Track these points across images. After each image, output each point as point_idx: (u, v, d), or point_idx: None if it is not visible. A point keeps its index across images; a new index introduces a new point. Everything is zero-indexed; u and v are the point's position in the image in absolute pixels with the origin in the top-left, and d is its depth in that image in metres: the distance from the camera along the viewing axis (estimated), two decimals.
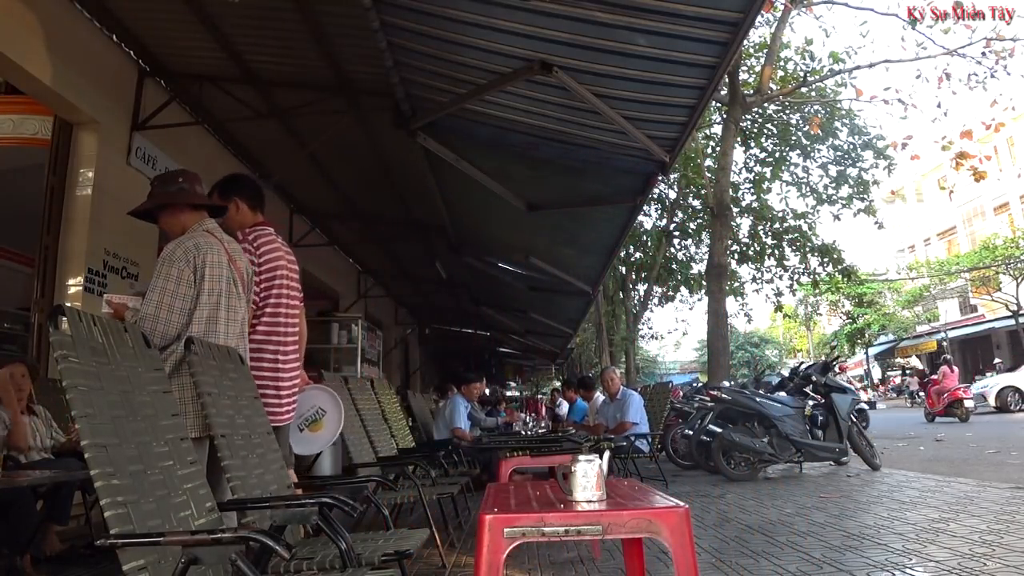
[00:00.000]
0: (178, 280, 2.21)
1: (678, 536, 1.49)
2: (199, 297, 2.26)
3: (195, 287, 2.25)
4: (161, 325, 2.16)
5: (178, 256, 2.24)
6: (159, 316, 2.16)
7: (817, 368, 6.67)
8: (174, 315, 2.19)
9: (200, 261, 2.26)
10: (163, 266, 2.23)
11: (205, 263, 2.27)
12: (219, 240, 2.40)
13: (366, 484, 3.10)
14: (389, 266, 10.95)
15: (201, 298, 2.26)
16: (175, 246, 2.28)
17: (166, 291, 2.19)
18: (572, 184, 5.47)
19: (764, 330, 49.53)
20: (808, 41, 25.33)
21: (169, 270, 2.22)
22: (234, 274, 2.40)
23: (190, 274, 2.24)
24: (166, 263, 2.23)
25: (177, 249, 2.26)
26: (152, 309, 2.17)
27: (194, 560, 1.26)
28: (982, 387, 15.94)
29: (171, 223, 2.42)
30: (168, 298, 2.19)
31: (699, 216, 14.75)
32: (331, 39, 4.48)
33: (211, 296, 2.28)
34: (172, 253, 2.25)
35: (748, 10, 3.00)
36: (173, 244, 2.29)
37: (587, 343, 22.68)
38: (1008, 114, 15.81)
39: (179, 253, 2.25)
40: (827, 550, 3.02)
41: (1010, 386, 15.27)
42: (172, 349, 2.17)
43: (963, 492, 4.41)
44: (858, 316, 33.17)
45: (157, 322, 2.15)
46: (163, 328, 2.16)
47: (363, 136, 5.91)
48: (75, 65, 4.36)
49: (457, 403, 6.84)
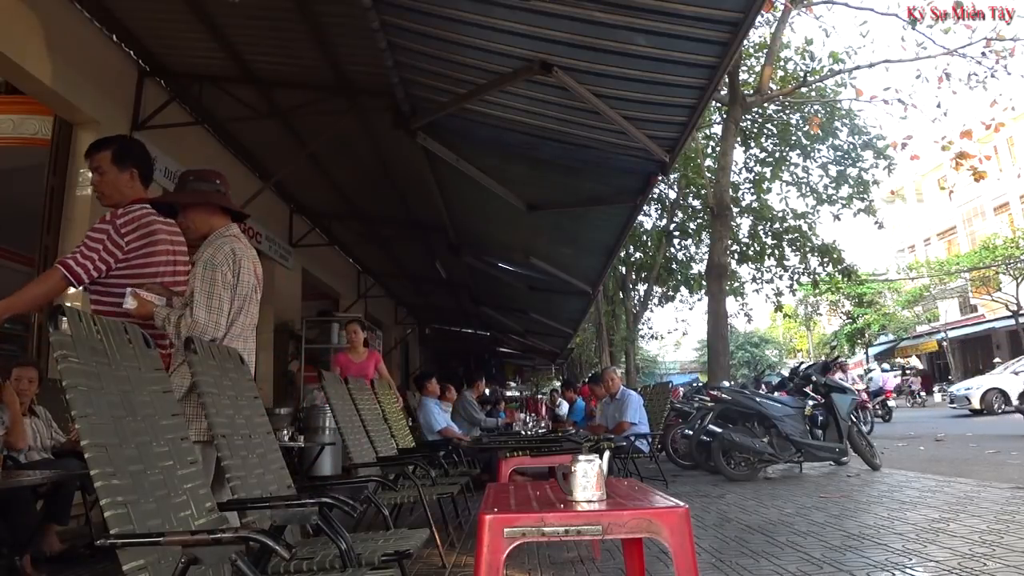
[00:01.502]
0: (224, 285, 2.27)
1: (678, 536, 1.49)
2: (234, 301, 2.32)
3: (233, 292, 2.31)
4: (211, 329, 2.22)
5: (220, 261, 2.29)
6: (210, 321, 2.22)
7: (817, 368, 6.67)
8: (223, 318, 2.26)
9: (238, 267, 2.33)
10: (207, 270, 2.27)
11: (241, 269, 2.34)
12: (245, 245, 2.44)
13: (366, 484, 3.09)
14: (389, 266, 10.96)
15: (235, 303, 2.32)
16: (214, 251, 2.31)
17: (214, 295, 2.25)
18: (572, 184, 5.47)
19: (764, 330, 49.52)
20: (808, 41, 25.36)
21: (215, 275, 2.26)
22: (255, 279, 2.45)
23: (232, 278, 2.30)
24: (210, 267, 2.27)
25: (218, 254, 2.30)
26: (204, 314, 2.21)
27: (194, 560, 1.26)
28: (965, 389, 15.46)
29: (201, 222, 2.43)
30: (217, 302, 2.25)
31: (699, 216, 14.74)
32: (331, 39, 4.48)
33: (240, 301, 2.35)
34: (214, 258, 2.29)
35: (748, 10, 3.00)
36: (212, 249, 2.32)
37: (587, 343, 22.68)
38: (1008, 114, 15.78)
39: (220, 258, 2.30)
40: (827, 550, 3.02)
41: (994, 388, 14.73)
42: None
43: (963, 492, 4.41)
44: (858, 316, 33.17)
45: (208, 327, 2.20)
46: (213, 332, 2.22)
47: (363, 136, 5.92)
48: (75, 65, 4.37)
49: (426, 406, 6.74)
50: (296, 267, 8.43)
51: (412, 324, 15.60)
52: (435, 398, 6.92)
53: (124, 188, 2.53)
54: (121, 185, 2.53)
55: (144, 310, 2.27)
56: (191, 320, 2.19)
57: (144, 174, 2.59)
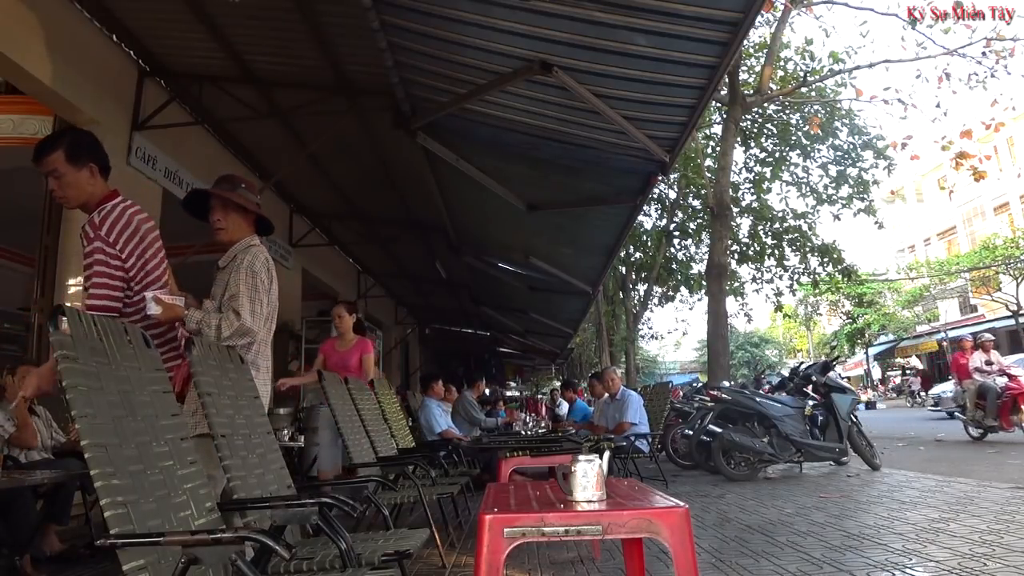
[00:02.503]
0: (264, 290, 2.37)
1: (678, 536, 1.49)
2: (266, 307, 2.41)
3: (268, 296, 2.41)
4: (252, 332, 2.30)
5: (259, 267, 2.37)
6: (255, 323, 2.31)
7: (817, 368, 6.67)
8: (260, 321, 2.34)
9: (271, 275, 2.44)
10: (248, 276, 2.33)
11: (273, 276, 2.45)
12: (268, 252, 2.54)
13: (366, 484, 3.09)
14: (389, 266, 10.96)
15: (267, 308, 2.42)
16: (253, 258, 2.38)
17: (256, 300, 2.33)
18: (572, 184, 5.47)
19: (764, 330, 49.52)
20: (808, 41, 25.30)
21: (255, 281, 2.34)
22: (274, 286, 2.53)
23: (268, 283, 2.40)
24: (249, 273, 2.34)
25: (256, 261, 2.38)
26: (250, 317, 2.29)
27: (194, 560, 1.26)
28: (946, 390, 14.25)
29: (237, 228, 2.49)
30: (259, 307, 2.34)
31: (699, 216, 14.74)
32: (331, 39, 4.48)
33: (270, 307, 2.45)
34: (253, 264, 2.36)
35: (748, 10, 3.00)
36: (251, 256, 2.38)
37: (587, 343, 22.68)
38: (1008, 114, 15.79)
39: (258, 265, 2.38)
40: (827, 550, 3.02)
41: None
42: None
43: (963, 492, 4.41)
44: (858, 316, 33.17)
45: (252, 328, 2.30)
46: (257, 329, 2.32)
47: (363, 136, 5.92)
48: (75, 65, 4.37)
49: (428, 406, 6.72)
50: (296, 267, 8.43)
51: (412, 324, 15.60)
52: (438, 399, 6.92)
53: (86, 186, 2.31)
54: (82, 184, 2.31)
55: (172, 313, 2.22)
56: (238, 322, 2.26)
57: (102, 166, 2.37)
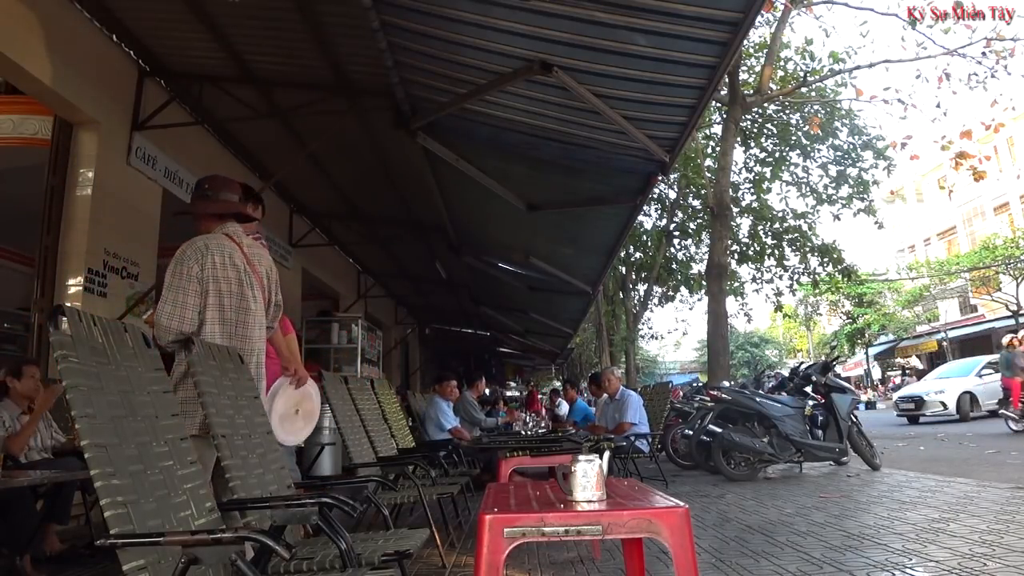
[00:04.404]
0: (188, 278, 2.28)
1: (678, 536, 1.49)
2: (208, 296, 2.31)
3: (203, 285, 2.31)
4: (176, 322, 2.23)
5: (188, 255, 2.31)
6: (175, 314, 2.23)
7: (817, 368, 6.67)
8: (187, 312, 2.26)
9: (209, 261, 2.32)
10: (174, 266, 2.30)
11: (214, 264, 2.33)
12: (236, 243, 2.44)
13: (366, 484, 3.09)
14: (389, 266, 10.95)
15: (209, 299, 2.31)
16: (186, 246, 2.33)
17: (179, 289, 2.26)
18: (572, 184, 5.47)
19: (764, 330, 49.54)
20: (808, 41, 25.31)
21: (180, 269, 2.29)
22: (251, 277, 2.44)
23: (199, 271, 2.30)
24: (176, 263, 2.30)
25: (188, 249, 2.32)
26: (168, 307, 2.23)
27: (194, 560, 1.26)
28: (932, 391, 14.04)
29: (199, 227, 2.50)
30: (181, 296, 2.26)
31: (699, 216, 14.75)
32: (331, 39, 4.47)
33: (222, 297, 2.33)
34: (183, 253, 2.32)
35: (748, 10, 3.00)
36: (184, 244, 2.34)
37: (587, 343, 22.69)
38: (1008, 114, 15.79)
39: (189, 252, 2.32)
40: (827, 550, 3.02)
41: (966, 391, 13.57)
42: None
43: (963, 492, 4.41)
44: (858, 316, 33.17)
45: (172, 319, 2.22)
46: (177, 325, 2.23)
47: (363, 136, 5.91)
48: (75, 65, 4.36)
49: (439, 405, 6.73)
50: (296, 267, 8.43)
51: (412, 324, 15.60)
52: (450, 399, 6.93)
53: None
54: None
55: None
56: (157, 314, 2.24)
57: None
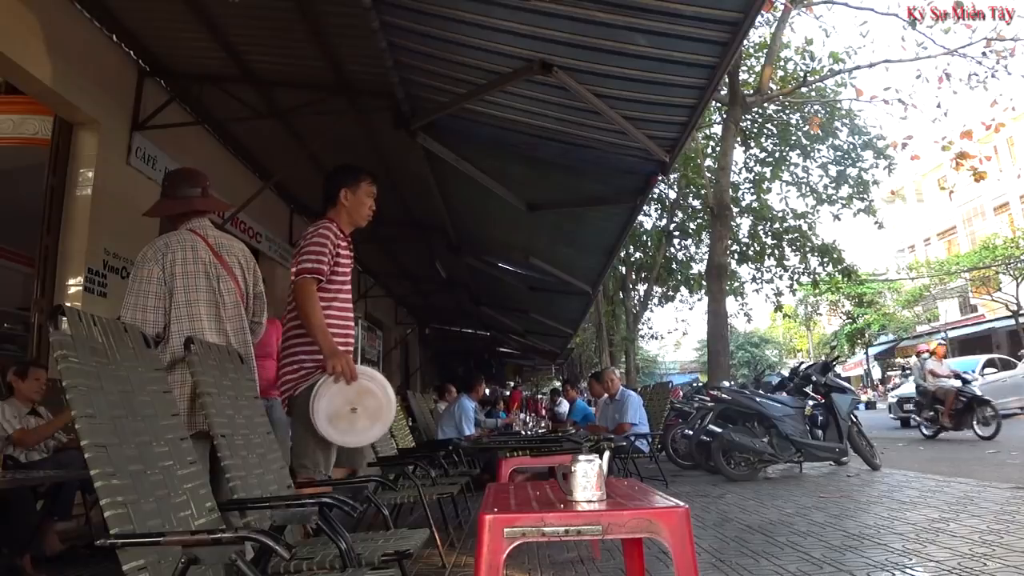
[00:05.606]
0: (148, 279, 2.27)
1: (678, 536, 1.49)
2: (174, 295, 2.29)
3: (167, 284, 2.29)
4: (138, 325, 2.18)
5: (149, 257, 2.31)
6: (135, 317, 2.22)
7: (817, 368, 6.67)
8: (149, 314, 2.25)
9: (170, 259, 2.31)
10: (135, 268, 2.30)
11: (176, 260, 2.32)
12: (201, 236, 2.42)
13: (366, 484, 3.09)
14: (389, 266, 10.95)
15: (176, 296, 2.29)
16: (146, 248, 2.33)
17: (139, 292, 2.26)
18: (572, 184, 5.46)
19: (764, 330, 49.51)
20: (808, 41, 25.33)
21: (139, 272, 2.29)
22: (219, 269, 2.41)
23: (159, 272, 2.29)
24: (137, 265, 2.30)
25: (148, 250, 2.32)
26: (129, 312, 2.23)
27: (194, 560, 1.26)
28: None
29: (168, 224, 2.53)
30: (142, 299, 2.25)
31: (699, 216, 14.74)
32: (331, 39, 4.47)
33: (188, 292, 2.31)
34: (143, 255, 2.32)
35: (748, 10, 3.00)
36: (146, 246, 2.34)
37: (587, 343, 22.67)
38: (1008, 114, 15.77)
39: (149, 253, 2.31)
40: (827, 550, 3.02)
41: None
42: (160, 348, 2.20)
43: (963, 492, 4.41)
44: (858, 316, 33.18)
45: (134, 322, 2.20)
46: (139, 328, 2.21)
47: (363, 136, 5.91)
48: (75, 65, 4.36)
49: (466, 406, 6.76)
50: None
51: (412, 324, 15.60)
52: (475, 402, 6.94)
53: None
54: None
55: None
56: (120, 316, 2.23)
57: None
